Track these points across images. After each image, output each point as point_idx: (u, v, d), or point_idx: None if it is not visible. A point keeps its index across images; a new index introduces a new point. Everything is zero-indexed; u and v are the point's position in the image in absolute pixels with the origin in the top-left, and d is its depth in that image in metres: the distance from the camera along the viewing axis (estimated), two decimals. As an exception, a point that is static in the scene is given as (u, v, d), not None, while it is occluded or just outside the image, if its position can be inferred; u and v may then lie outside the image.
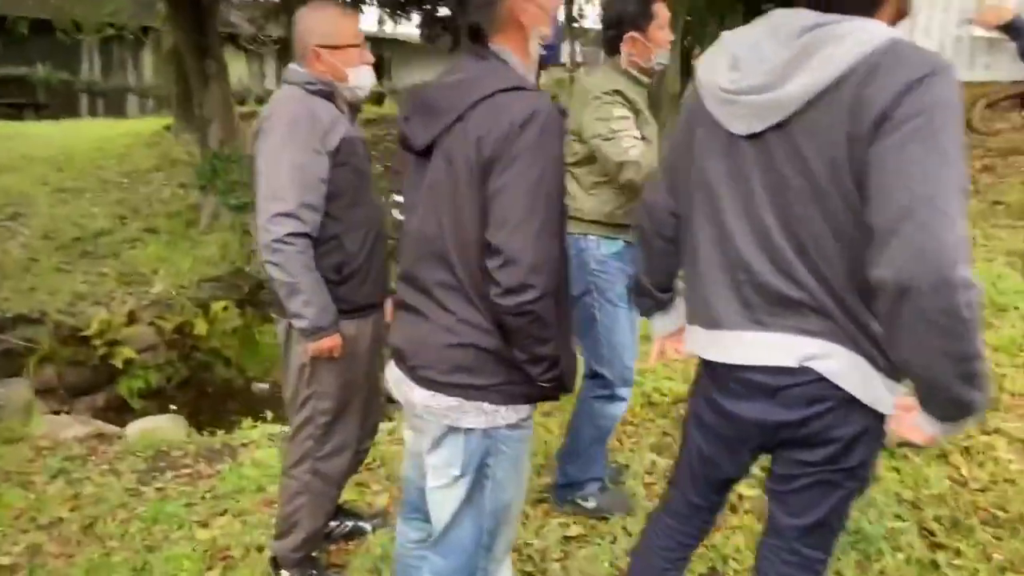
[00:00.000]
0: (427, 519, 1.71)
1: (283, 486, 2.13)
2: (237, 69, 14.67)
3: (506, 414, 1.42)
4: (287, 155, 1.84)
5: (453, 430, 1.43)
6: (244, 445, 3.43)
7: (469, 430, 1.42)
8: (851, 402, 1.19)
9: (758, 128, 1.17)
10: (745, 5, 9.79)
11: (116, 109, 16.54)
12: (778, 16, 1.20)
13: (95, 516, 2.71)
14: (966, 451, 2.62)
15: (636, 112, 2.12)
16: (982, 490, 2.43)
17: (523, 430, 1.49)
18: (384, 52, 23.06)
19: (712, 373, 1.36)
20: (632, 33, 2.11)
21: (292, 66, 1.98)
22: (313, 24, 1.94)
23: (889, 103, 1.03)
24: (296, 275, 1.83)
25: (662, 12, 2.14)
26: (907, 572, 2.08)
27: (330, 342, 1.92)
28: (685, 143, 1.35)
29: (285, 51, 18.42)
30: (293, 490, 2.08)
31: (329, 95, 1.95)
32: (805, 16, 1.15)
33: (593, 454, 2.39)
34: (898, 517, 2.24)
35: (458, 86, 1.35)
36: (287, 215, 1.81)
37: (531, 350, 1.34)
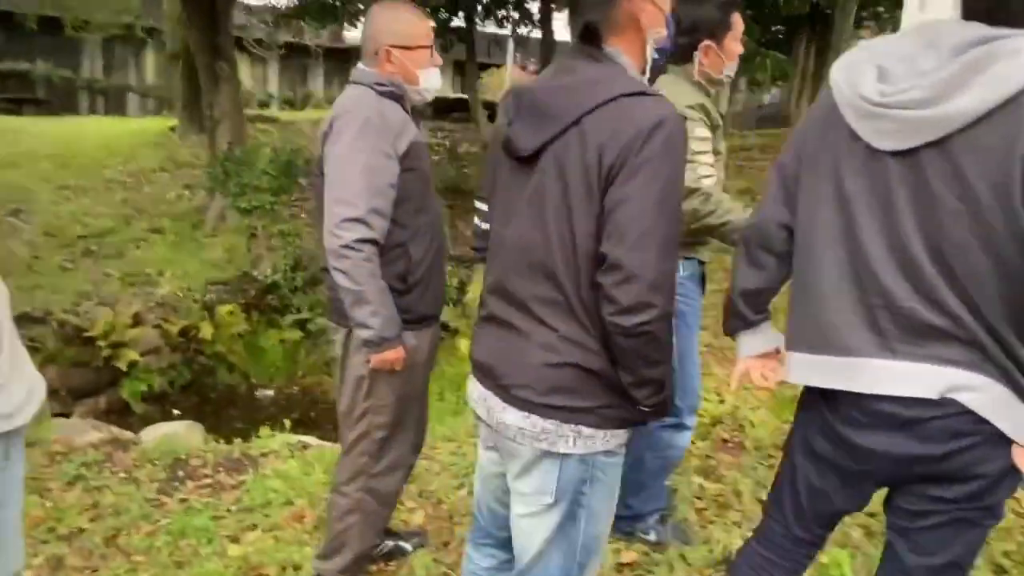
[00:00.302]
0: (500, 546, 1.63)
1: (333, 503, 2.03)
2: (240, 73, 14.66)
3: (604, 439, 1.33)
4: (358, 158, 1.76)
5: (548, 455, 1.33)
6: (264, 455, 3.32)
7: (565, 455, 1.33)
8: (999, 437, 1.12)
9: (910, 144, 1.10)
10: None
11: (116, 108, 16.42)
12: (936, 28, 1.14)
13: (118, 528, 2.59)
14: None
15: (714, 128, 2.05)
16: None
17: (619, 456, 1.40)
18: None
19: (830, 401, 1.28)
20: (708, 42, 2.04)
21: (360, 66, 1.91)
22: (387, 23, 1.87)
23: None
24: (363, 283, 1.75)
25: (738, 23, 2.07)
26: (981, 609, 2.00)
27: (394, 354, 1.83)
28: (811, 155, 1.28)
29: (289, 57, 18.45)
30: (344, 508, 1.98)
31: (399, 97, 1.88)
32: (971, 29, 1.09)
33: (657, 486, 2.30)
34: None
35: (574, 89, 1.26)
36: (356, 220, 1.74)
37: (640, 372, 1.26)
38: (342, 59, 18.38)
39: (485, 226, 1.52)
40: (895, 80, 1.12)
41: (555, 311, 1.29)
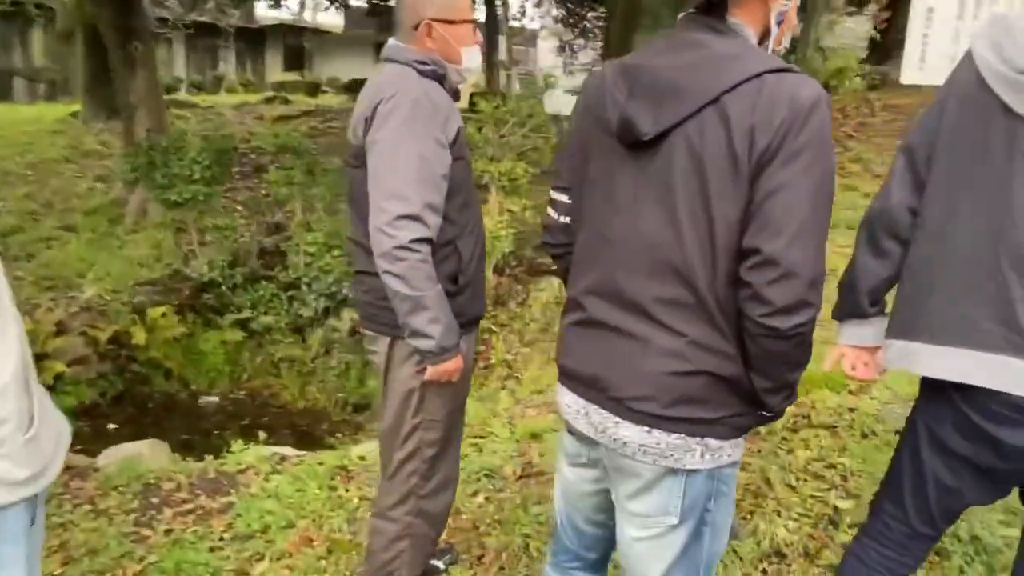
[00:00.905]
0: (591, 568, 1.53)
1: (377, 530, 1.83)
2: (146, 54, 13.57)
3: (731, 451, 1.23)
4: (410, 146, 1.55)
5: (672, 472, 1.21)
6: (242, 471, 3.04)
7: (692, 471, 1.21)
8: None
9: None
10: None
11: (0, 94, 14.90)
12: None
13: (98, 571, 2.28)
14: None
15: None
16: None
17: (739, 465, 1.30)
18: (304, 42, 22.12)
19: (965, 395, 1.22)
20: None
21: (395, 42, 1.70)
22: None
23: None
24: (422, 288, 1.55)
25: None
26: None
27: (454, 364, 1.65)
28: (951, 134, 1.20)
29: (197, 37, 17.27)
30: (393, 534, 1.78)
31: (441, 77, 1.68)
32: None
33: None
34: (1006, 524, 2.21)
35: (705, 65, 1.11)
36: (411, 217, 1.53)
37: (783, 377, 1.17)
38: (255, 40, 17.44)
39: (564, 219, 1.37)
40: None
41: (683, 313, 1.16)
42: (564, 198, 1.36)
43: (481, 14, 13.06)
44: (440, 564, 2.18)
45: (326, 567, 2.25)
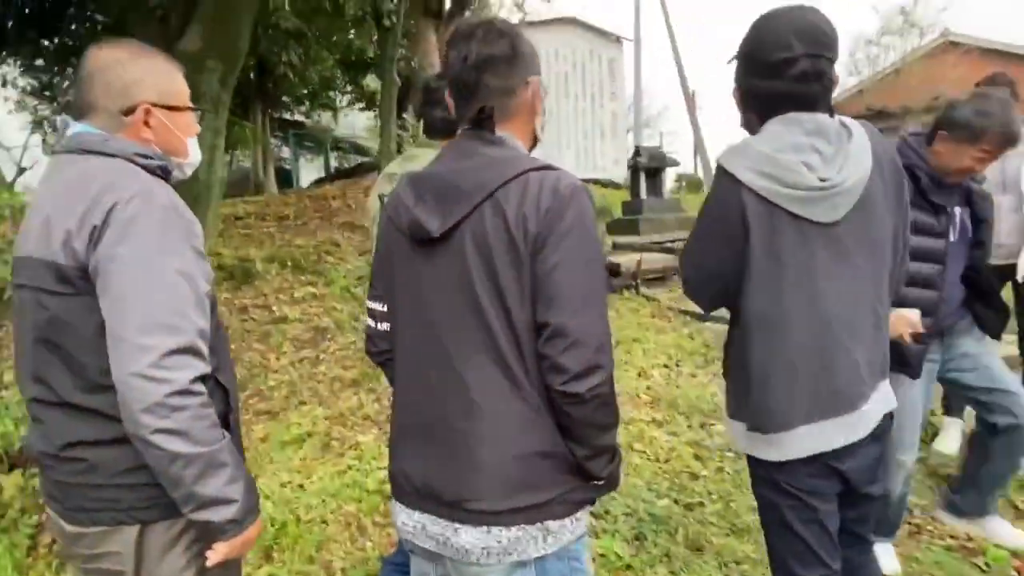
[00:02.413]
0: None
1: None
2: None
3: (574, 526, 1.27)
4: (167, 262, 1.21)
5: (521, 565, 1.23)
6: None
7: (539, 559, 1.24)
8: None
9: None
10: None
11: None
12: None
13: None
14: None
15: None
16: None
17: (585, 538, 1.33)
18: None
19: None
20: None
21: (87, 129, 1.31)
22: (144, 73, 1.34)
23: None
24: (211, 440, 1.20)
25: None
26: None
27: (256, 528, 1.29)
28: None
29: None
30: None
31: (168, 175, 1.36)
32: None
33: None
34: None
35: (483, 167, 1.25)
36: (186, 351, 1.18)
37: (595, 442, 1.24)
38: None
39: (384, 327, 1.39)
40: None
41: (502, 395, 1.21)
42: (379, 306, 1.40)
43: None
44: None
45: None
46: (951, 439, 3.53)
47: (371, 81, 14.15)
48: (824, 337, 1.45)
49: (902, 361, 2.20)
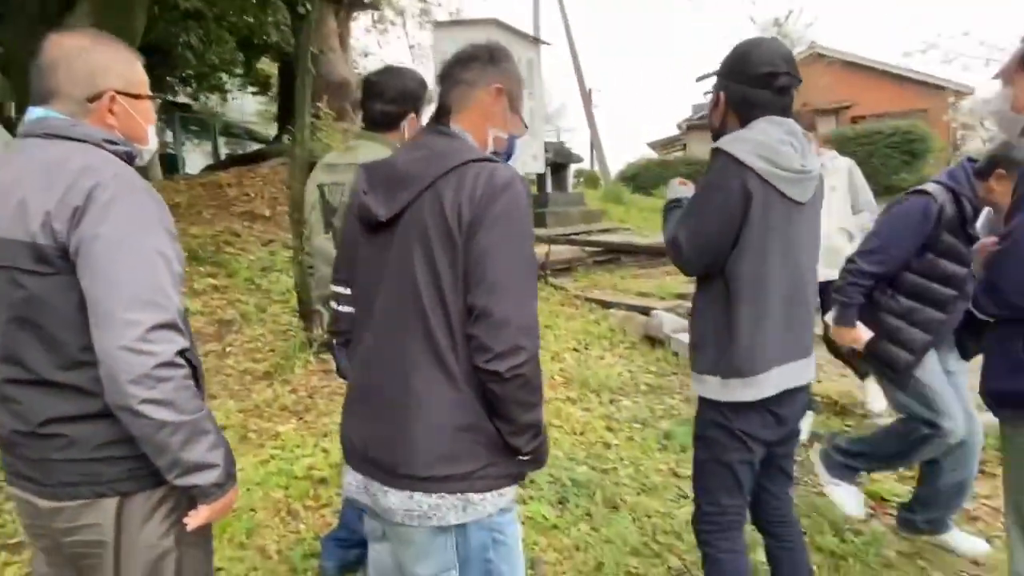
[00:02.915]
0: None
1: None
2: None
3: (496, 499, 1.35)
4: (147, 242, 1.27)
5: (441, 530, 1.34)
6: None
7: (460, 527, 1.34)
8: None
9: None
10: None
11: None
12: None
13: None
14: None
15: None
16: None
17: (512, 512, 1.44)
18: None
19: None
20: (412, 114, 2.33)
21: (53, 114, 1.32)
22: (109, 61, 1.37)
23: None
24: (193, 409, 1.26)
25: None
26: None
27: (235, 492, 1.36)
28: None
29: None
30: None
31: (132, 160, 1.40)
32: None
33: None
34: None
35: (427, 159, 1.35)
36: (168, 326, 1.23)
37: (518, 418, 1.31)
38: None
39: (347, 309, 1.52)
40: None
41: (431, 372, 1.29)
42: (343, 290, 1.53)
43: None
44: None
45: None
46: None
47: (264, 65, 13.64)
48: (794, 296, 1.76)
49: (894, 368, 2.44)
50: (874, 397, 3.92)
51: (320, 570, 2.46)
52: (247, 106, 20.35)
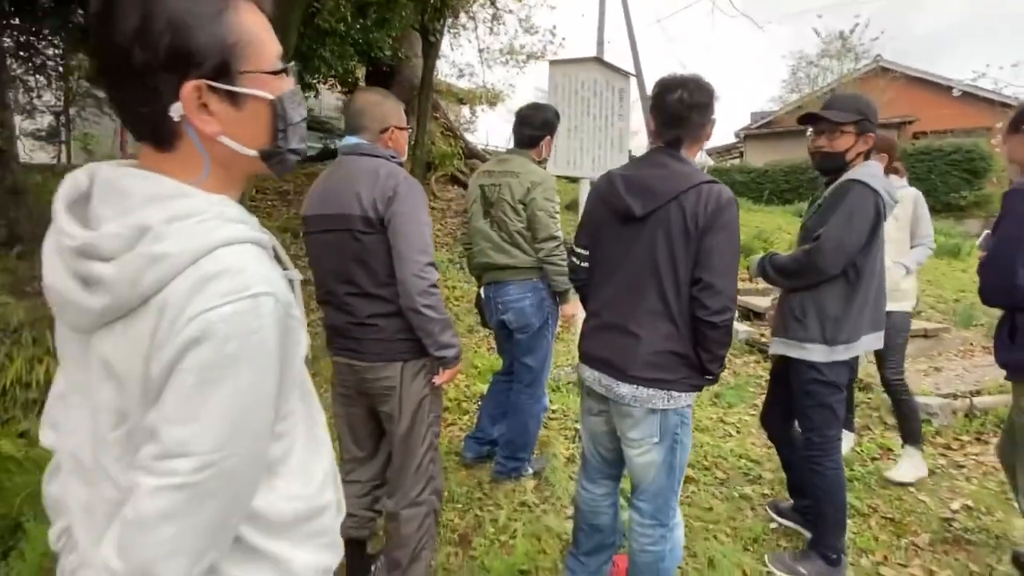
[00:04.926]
0: (611, 478, 2.23)
1: (407, 518, 2.22)
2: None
3: (686, 399, 1.97)
4: (421, 216, 2.11)
5: (652, 411, 1.95)
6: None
7: (664, 410, 1.94)
8: None
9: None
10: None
11: None
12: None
13: None
14: None
15: None
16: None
17: (691, 408, 2.03)
18: None
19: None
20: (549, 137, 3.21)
21: (361, 140, 2.19)
22: (392, 108, 2.23)
23: None
24: (444, 312, 2.11)
25: None
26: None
27: (460, 365, 2.23)
28: None
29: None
30: (423, 515, 2.24)
31: (401, 165, 2.23)
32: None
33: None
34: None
35: (671, 176, 1.92)
36: (432, 265, 2.09)
37: (717, 352, 1.91)
38: None
39: (586, 264, 2.16)
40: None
41: (658, 318, 1.92)
42: (584, 251, 2.17)
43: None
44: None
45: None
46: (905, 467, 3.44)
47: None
48: (881, 283, 2.47)
49: None
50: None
51: (461, 458, 3.43)
52: (325, 100, 21.40)
